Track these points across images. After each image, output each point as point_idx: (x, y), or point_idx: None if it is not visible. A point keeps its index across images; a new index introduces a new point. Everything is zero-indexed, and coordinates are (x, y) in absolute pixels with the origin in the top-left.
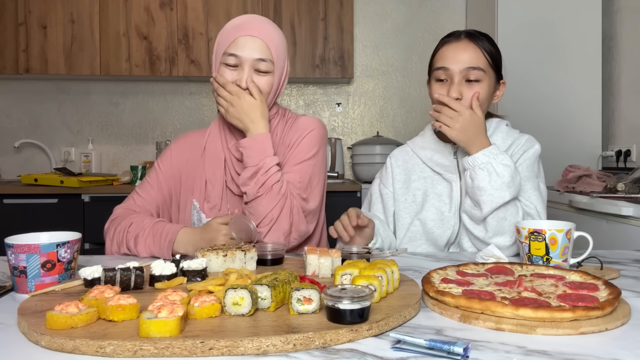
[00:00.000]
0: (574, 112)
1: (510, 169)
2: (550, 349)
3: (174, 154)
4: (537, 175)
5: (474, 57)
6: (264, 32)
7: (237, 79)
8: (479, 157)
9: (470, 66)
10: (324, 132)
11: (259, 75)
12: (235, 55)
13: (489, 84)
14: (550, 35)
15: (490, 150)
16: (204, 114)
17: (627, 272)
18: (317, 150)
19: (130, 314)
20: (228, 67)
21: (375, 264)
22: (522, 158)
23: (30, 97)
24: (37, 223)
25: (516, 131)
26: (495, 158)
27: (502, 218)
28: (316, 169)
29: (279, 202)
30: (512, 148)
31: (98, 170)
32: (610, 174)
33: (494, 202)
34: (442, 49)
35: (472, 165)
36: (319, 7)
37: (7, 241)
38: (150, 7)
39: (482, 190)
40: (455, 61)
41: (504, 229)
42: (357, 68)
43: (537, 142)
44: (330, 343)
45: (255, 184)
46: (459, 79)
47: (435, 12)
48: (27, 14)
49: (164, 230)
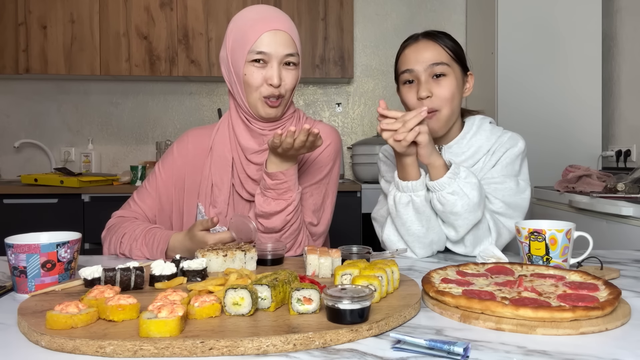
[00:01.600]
0: (574, 112)
1: (477, 187)
2: (550, 349)
3: (177, 157)
4: (516, 174)
5: (435, 54)
6: (286, 24)
7: (267, 77)
8: (445, 181)
9: (433, 62)
10: (339, 145)
11: (287, 70)
12: (263, 52)
13: (456, 77)
14: (550, 35)
15: (453, 171)
16: (204, 114)
17: (627, 272)
18: (331, 167)
19: (130, 314)
20: (256, 65)
21: (375, 264)
22: (504, 156)
23: (30, 97)
24: (37, 223)
25: (500, 128)
26: (461, 178)
27: (476, 229)
28: (329, 187)
29: (292, 240)
30: (494, 146)
31: (98, 170)
32: (610, 174)
33: (469, 224)
34: (403, 53)
35: (440, 189)
36: (319, 7)
37: (7, 241)
38: (150, 7)
39: (456, 214)
40: (418, 61)
41: (480, 238)
42: (357, 68)
43: (522, 139)
44: (330, 343)
45: (279, 219)
46: (425, 78)
47: (435, 12)
48: (27, 14)
49: (155, 239)
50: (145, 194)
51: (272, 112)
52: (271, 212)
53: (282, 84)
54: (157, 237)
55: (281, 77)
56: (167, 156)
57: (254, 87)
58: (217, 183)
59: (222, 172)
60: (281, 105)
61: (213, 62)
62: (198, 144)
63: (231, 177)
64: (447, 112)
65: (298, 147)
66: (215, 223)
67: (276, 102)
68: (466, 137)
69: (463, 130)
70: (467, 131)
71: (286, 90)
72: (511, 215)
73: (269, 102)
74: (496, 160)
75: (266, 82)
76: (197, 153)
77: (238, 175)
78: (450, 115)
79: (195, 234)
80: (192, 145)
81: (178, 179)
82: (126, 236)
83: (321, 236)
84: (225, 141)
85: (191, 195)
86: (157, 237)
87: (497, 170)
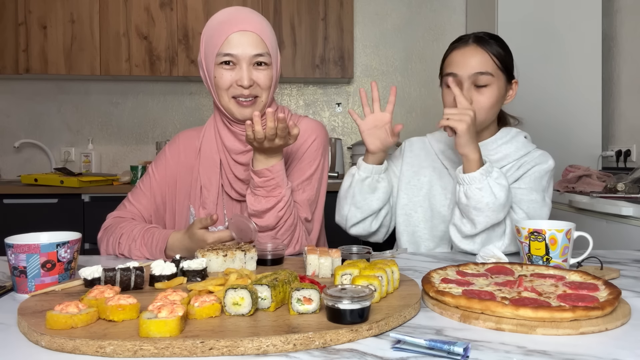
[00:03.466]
0: (574, 112)
1: (506, 189)
2: (550, 349)
3: (169, 159)
4: (544, 190)
5: (482, 62)
6: (255, 24)
7: (236, 79)
8: (476, 176)
9: (478, 71)
10: (326, 138)
11: (258, 71)
12: (230, 54)
13: (499, 87)
14: (550, 35)
15: (486, 169)
16: (204, 114)
17: (627, 272)
18: (320, 161)
19: (130, 314)
20: (224, 67)
21: (375, 264)
22: (532, 170)
23: (30, 97)
24: (37, 223)
25: (533, 145)
26: (492, 177)
27: (491, 230)
28: (320, 181)
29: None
30: (523, 158)
31: (98, 170)
32: (610, 174)
33: (489, 223)
34: (450, 55)
35: (469, 183)
36: (319, 7)
37: (7, 241)
38: (150, 7)
39: (478, 210)
40: (463, 67)
41: (491, 240)
42: (357, 68)
43: (552, 159)
44: (330, 343)
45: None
46: (467, 85)
47: (435, 12)
48: (27, 14)
49: (154, 239)
50: (140, 194)
51: (247, 111)
52: (262, 209)
53: (254, 85)
54: (155, 237)
55: (252, 77)
56: (160, 158)
57: (223, 89)
58: (205, 184)
59: (210, 173)
60: (257, 105)
61: None
62: (188, 145)
63: (219, 178)
64: (482, 118)
65: (272, 137)
66: (215, 220)
67: (249, 102)
68: (497, 142)
69: (496, 135)
70: (499, 137)
71: (261, 90)
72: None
73: (240, 102)
74: (523, 173)
75: (236, 83)
76: (187, 155)
77: (226, 176)
78: (485, 120)
79: (194, 232)
80: (182, 147)
81: (171, 180)
82: (124, 237)
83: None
84: (212, 143)
85: (183, 197)
86: (155, 237)
87: (525, 181)
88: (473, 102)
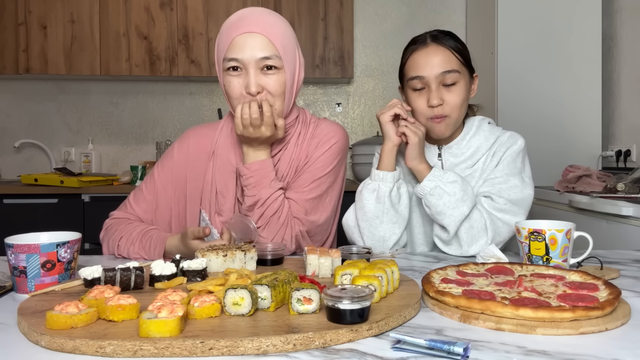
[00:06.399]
0: (574, 112)
1: (458, 184)
2: (550, 349)
3: (177, 160)
4: (520, 172)
5: (445, 60)
6: (262, 25)
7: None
8: (426, 184)
9: (444, 70)
10: (345, 143)
11: (266, 76)
12: (235, 59)
13: (466, 82)
14: (550, 35)
15: (433, 174)
16: (204, 114)
17: (627, 272)
18: (334, 165)
19: (130, 314)
20: (232, 74)
21: (375, 264)
22: (505, 155)
23: (30, 97)
24: (37, 223)
25: (499, 128)
26: (440, 179)
27: (469, 227)
28: (331, 183)
29: (279, 231)
30: (494, 146)
31: (98, 170)
32: (610, 174)
33: (456, 220)
34: (411, 58)
35: (424, 194)
36: (319, 7)
37: (7, 241)
38: (150, 7)
39: (441, 214)
40: (428, 68)
41: (475, 237)
42: (357, 68)
43: (521, 137)
44: (330, 343)
45: (255, 215)
46: (436, 85)
47: (435, 12)
48: (27, 14)
49: (152, 242)
50: (141, 197)
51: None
52: (246, 207)
53: (263, 91)
54: (153, 240)
55: (260, 83)
56: (167, 158)
57: (234, 98)
58: (222, 190)
59: (226, 178)
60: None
61: (213, 62)
62: (199, 144)
63: (236, 184)
64: (456, 116)
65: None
66: (207, 234)
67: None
68: (465, 138)
69: (463, 132)
70: (466, 132)
71: (272, 97)
72: (516, 212)
73: None
74: (498, 160)
75: (245, 90)
76: (198, 154)
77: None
78: (459, 118)
79: (187, 243)
80: (193, 146)
81: (178, 183)
82: (123, 239)
83: (320, 233)
84: (229, 149)
85: (193, 201)
86: (153, 240)
87: (499, 169)
88: (445, 102)
